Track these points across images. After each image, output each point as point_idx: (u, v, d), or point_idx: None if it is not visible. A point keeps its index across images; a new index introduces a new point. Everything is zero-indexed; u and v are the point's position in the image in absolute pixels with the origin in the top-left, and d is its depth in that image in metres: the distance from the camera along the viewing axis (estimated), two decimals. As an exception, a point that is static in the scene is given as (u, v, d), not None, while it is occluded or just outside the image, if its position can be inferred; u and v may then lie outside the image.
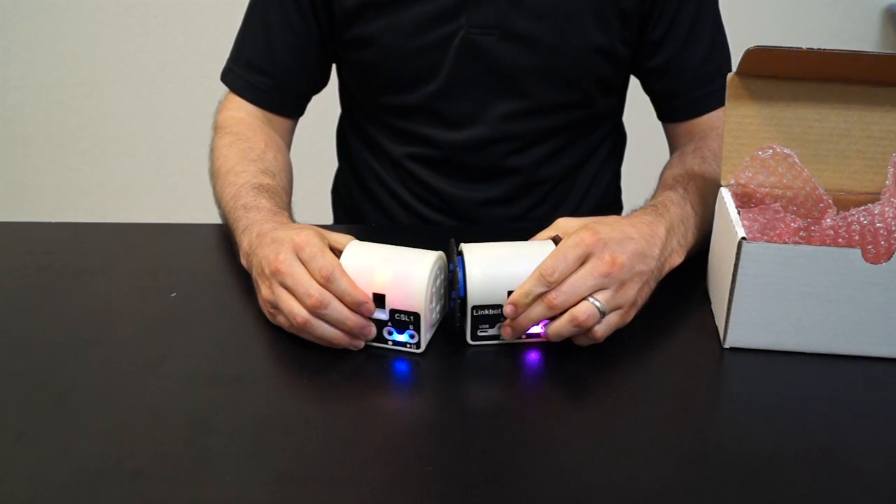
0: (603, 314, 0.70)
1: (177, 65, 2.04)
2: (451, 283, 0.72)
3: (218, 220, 0.94)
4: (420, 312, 0.70)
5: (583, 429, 0.66)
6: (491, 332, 0.72)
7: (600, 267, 0.70)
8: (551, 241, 0.74)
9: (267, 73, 1.01)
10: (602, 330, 0.71)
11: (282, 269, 0.71)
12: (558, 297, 0.69)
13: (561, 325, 0.70)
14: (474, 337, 0.73)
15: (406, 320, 0.71)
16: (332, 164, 1.20)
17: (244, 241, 0.81)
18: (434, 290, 0.72)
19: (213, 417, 0.65)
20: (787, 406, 0.68)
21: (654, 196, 0.89)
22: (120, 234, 0.97)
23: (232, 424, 0.64)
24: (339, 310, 0.70)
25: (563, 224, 0.76)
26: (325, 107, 1.13)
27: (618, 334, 0.74)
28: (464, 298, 0.71)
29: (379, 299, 0.71)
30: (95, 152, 2.13)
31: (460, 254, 0.72)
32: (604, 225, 0.73)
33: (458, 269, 0.71)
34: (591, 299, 0.69)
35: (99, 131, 2.11)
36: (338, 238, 0.75)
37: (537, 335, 0.72)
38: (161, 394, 0.68)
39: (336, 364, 0.72)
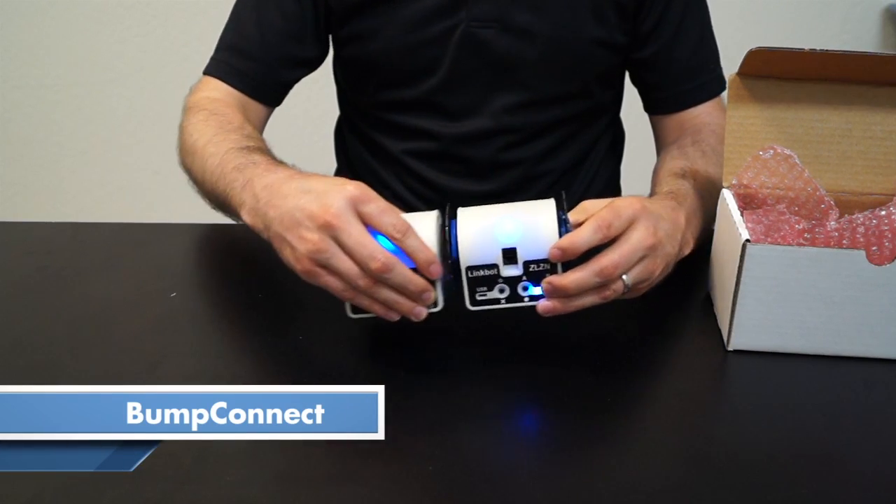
0: (627, 289, 0.68)
1: (177, 65, 2.03)
2: (444, 247, 0.68)
3: (218, 220, 0.94)
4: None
5: (585, 430, 0.66)
6: (490, 295, 0.68)
7: (647, 238, 0.68)
8: (551, 199, 0.70)
9: (255, 58, 0.99)
10: (613, 297, 0.69)
11: (336, 224, 0.64)
12: (616, 269, 0.66)
13: (586, 298, 0.67)
14: (473, 302, 0.68)
15: None
16: (330, 165, 1.20)
17: (247, 197, 0.74)
18: (442, 245, 0.69)
19: (213, 418, 0.65)
20: (791, 408, 0.68)
21: (663, 181, 0.87)
22: (120, 234, 0.97)
23: (232, 425, 0.64)
24: (403, 273, 0.65)
25: (588, 204, 0.72)
26: (325, 108, 1.13)
27: (620, 336, 0.74)
28: (456, 260, 0.67)
29: None
30: (95, 152, 2.13)
31: (454, 216, 0.69)
32: (639, 198, 0.71)
33: (449, 230, 0.68)
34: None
35: (99, 131, 2.11)
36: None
37: (541, 296, 0.68)
38: (161, 394, 0.68)
39: (336, 363, 0.72)
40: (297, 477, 0.59)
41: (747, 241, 0.69)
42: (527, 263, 0.67)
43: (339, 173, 1.18)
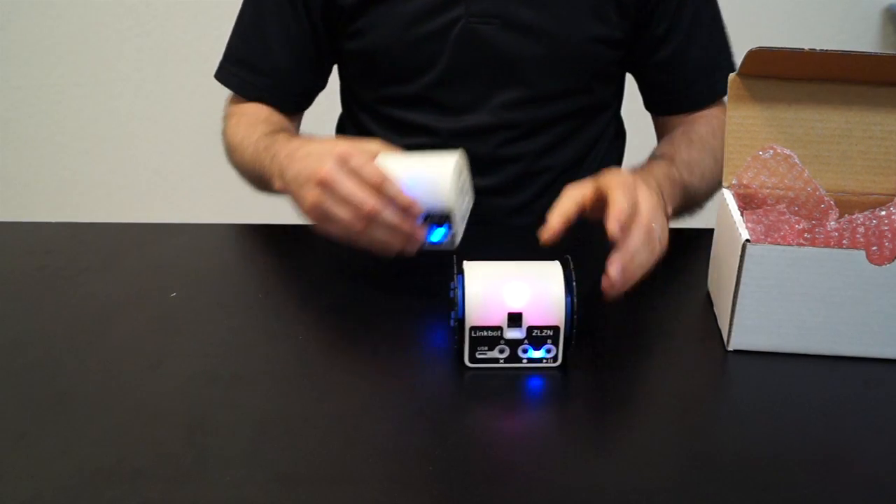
0: (660, 241, 0.73)
1: (177, 65, 2.04)
2: (451, 302, 0.69)
3: (218, 220, 0.94)
4: (451, 208, 0.75)
5: (584, 430, 0.66)
6: (490, 354, 0.70)
7: (645, 192, 0.73)
8: (557, 262, 0.71)
9: (265, 73, 1.01)
10: (660, 250, 0.74)
11: (329, 179, 0.74)
12: (653, 220, 0.71)
13: (640, 257, 0.71)
14: (472, 359, 0.70)
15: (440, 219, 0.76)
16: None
17: (275, 168, 0.85)
18: (460, 185, 0.77)
19: (213, 417, 0.65)
20: (790, 409, 0.68)
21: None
22: (120, 234, 0.97)
23: (232, 424, 0.64)
24: (393, 214, 0.74)
25: (571, 192, 0.74)
26: (326, 107, 1.13)
27: (620, 336, 0.74)
28: (462, 319, 0.68)
29: None
30: (95, 152, 2.13)
31: (461, 272, 0.70)
32: (617, 173, 0.76)
33: (458, 288, 0.68)
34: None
35: (99, 131, 2.11)
36: (368, 146, 0.78)
37: (539, 359, 0.70)
38: (161, 394, 0.68)
39: (337, 363, 0.72)
40: (297, 477, 0.59)
41: (747, 241, 0.69)
42: (530, 328, 0.69)
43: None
